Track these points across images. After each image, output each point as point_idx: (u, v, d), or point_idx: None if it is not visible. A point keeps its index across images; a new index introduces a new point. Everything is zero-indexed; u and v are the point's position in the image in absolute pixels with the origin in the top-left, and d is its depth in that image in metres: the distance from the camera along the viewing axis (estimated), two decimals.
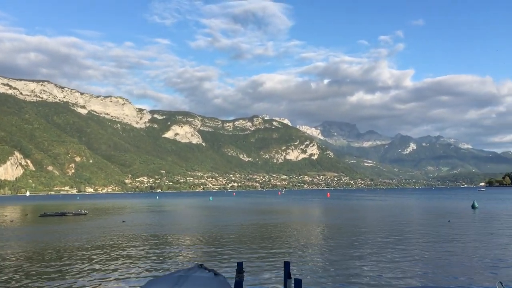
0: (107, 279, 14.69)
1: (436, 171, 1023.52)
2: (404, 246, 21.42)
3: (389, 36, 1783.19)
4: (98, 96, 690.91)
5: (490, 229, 29.44)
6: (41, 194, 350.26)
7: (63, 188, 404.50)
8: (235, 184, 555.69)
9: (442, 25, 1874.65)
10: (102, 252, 20.95)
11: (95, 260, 18.46)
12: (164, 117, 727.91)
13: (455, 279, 13.95)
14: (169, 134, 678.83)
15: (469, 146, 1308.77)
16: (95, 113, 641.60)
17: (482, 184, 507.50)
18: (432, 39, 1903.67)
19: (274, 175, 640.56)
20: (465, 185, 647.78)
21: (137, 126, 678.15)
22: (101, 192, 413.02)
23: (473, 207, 56.56)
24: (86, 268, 16.65)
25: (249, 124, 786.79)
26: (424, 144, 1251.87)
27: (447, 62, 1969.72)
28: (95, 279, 14.77)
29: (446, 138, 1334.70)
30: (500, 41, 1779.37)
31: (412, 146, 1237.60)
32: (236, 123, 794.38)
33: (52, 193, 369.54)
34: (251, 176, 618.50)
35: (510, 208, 58.22)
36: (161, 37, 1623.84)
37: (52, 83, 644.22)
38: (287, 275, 5.92)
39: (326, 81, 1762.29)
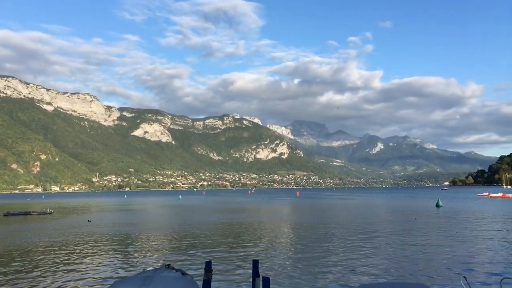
0: (71, 280, 14.28)
1: (402, 170, 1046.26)
2: (372, 244, 21.70)
3: (358, 37, 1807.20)
4: (65, 93, 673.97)
5: (454, 227, 30.22)
6: (4, 193, 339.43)
7: (27, 186, 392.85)
8: (205, 183, 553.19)
9: (408, 28, 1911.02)
10: (66, 252, 20.40)
11: (59, 261, 17.94)
12: (133, 114, 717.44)
13: (421, 275, 14.18)
14: (138, 132, 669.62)
15: (434, 146, 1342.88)
16: (61, 110, 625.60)
17: (446, 183, 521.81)
18: (399, 41, 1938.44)
19: (244, 174, 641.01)
20: (430, 184, 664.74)
21: (105, 123, 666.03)
22: (67, 191, 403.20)
23: (437, 206, 58.15)
24: (50, 269, 16.15)
25: (220, 123, 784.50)
26: (391, 144, 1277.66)
27: (414, 64, 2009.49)
28: (58, 280, 14.32)
29: (413, 138, 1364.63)
30: (464, 44, 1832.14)
31: (380, 146, 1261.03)
32: (207, 121, 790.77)
33: (16, 191, 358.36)
34: (221, 175, 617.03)
35: (472, 207, 60.20)
36: (130, 33, 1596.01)
37: (16, 78, 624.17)
38: (256, 273, 5.81)
39: (296, 80, 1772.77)
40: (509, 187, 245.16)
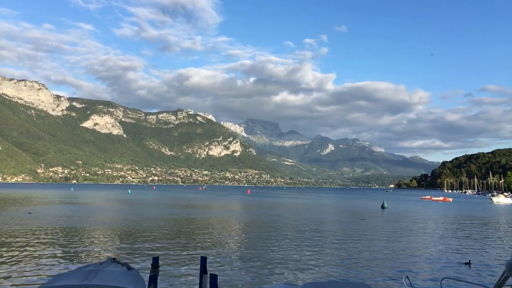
0: (9, 274, 13.54)
1: (351, 172, 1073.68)
2: (319, 244, 22.02)
3: (314, 39, 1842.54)
4: (11, 79, 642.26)
5: (398, 228, 31.24)
6: None
7: None
8: (156, 178, 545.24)
9: (363, 33, 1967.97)
10: (3, 245, 19.39)
11: None
12: (83, 105, 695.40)
13: (365, 275, 14.50)
14: (88, 124, 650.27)
15: (382, 150, 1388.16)
16: (6, 97, 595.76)
17: (392, 186, 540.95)
18: (353, 46, 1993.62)
19: (196, 170, 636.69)
20: (377, 186, 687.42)
21: (54, 113, 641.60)
22: (10, 181, 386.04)
23: (382, 207, 60.19)
24: None
25: (173, 117, 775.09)
26: (341, 146, 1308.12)
27: (366, 68, 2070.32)
28: None
29: (362, 141, 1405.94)
30: (414, 52, 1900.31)
31: (331, 147, 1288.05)
32: (160, 116, 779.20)
33: None
34: (172, 170, 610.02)
35: (414, 209, 62.71)
36: (84, 21, 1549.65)
37: None
38: (203, 270, 5.79)
39: (252, 79, 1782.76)
40: (450, 191, 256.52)
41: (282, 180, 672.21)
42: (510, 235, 29.42)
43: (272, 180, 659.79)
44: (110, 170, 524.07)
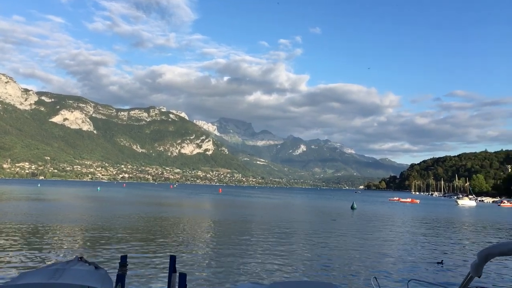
0: None
1: (322, 172, 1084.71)
2: (288, 243, 22.16)
3: (289, 40, 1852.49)
4: None
5: (366, 229, 31.75)
6: None
7: None
8: (126, 175, 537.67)
9: (336, 35, 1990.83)
10: None
11: None
12: (52, 100, 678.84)
13: (332, 275, 14.65)
14: (57, 119, 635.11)
15: (353, 151, 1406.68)
16: None
17: (361, 187, 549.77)
18: (327, 48, 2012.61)
19: (168, 168, 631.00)
20: (347, 187, 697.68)
21: (21, 107, 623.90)
22: None
23: (352, 208, 61.07)
24: None
25: (145, 114, 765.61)
26: (313, 147, 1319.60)
27: (339, 70, 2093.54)
28: None
29: (333, 142, 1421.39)
30: (385, 54, 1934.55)
31: (302, 148, 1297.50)
32: (132, 112, 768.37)
33: None
34: (143, 168, 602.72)
35: (383, 210, 63.97)
36: (54, 14, 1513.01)
37: None
38: (172, 269, 5.72)
39: (226, 78, 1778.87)
40: (417, 193, 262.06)
41: (254, 180, 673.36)
42: (476, 236, 30.25)
43: (244, 179, 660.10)
44: (79, 167, 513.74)
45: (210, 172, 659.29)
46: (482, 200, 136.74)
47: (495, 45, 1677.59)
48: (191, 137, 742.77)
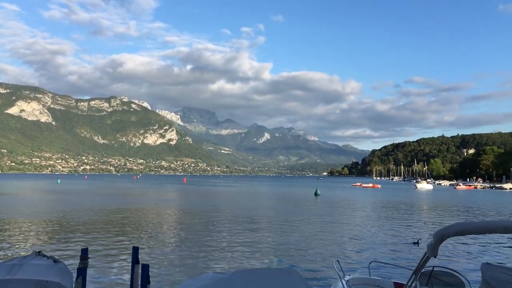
0: None
1: (286, 160, 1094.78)
2: (253, 231, 22.28)
3: (251, 28, 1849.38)
4: None
5: (330, 214, 32.33)
6: None
7: None
8: (88, 167, 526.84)
9: (299, 23, 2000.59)
10: None
11: None
12: (8, 91, 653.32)
13: (297, 260, 14.84)
14: (13, 110, 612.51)
15: (316, 139, 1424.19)
16: None
17: (325, 173, 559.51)
18: (290, 36, 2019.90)
19: (131, 159, 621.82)
20: (310, 174, 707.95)
21: None
22: None
23: (315, 194, 62.09)
24: None
25: (106, 105, 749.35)
26: (277, 135, 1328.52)
27: (302, 58, 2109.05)
28: None
29: (297, 130, 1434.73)
30: (346, 43, 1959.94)
31: (267, 136, 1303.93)
32: (92, 103, 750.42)
33: None
34: (105, 159, 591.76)
35: (346, 196, 65.32)
36: (8, 1, 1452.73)
37: None
38: (135, 260, 5.65)
39: (188, 67, 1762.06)
40: (378, 178, 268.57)
41: (218, 169, 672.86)
42: (433, 217, 31.29)
43: (208, 168, 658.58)
44: (38, 159, 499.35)
45: (174, 162, 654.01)
46: (440, 184, 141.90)
47: (452, 31, 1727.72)
48: (154, 127, 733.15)
